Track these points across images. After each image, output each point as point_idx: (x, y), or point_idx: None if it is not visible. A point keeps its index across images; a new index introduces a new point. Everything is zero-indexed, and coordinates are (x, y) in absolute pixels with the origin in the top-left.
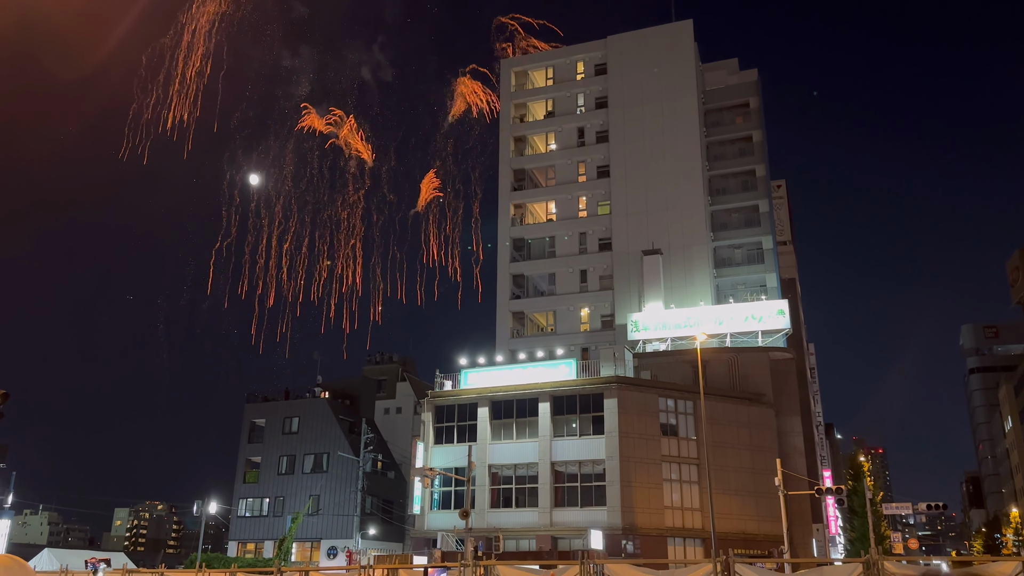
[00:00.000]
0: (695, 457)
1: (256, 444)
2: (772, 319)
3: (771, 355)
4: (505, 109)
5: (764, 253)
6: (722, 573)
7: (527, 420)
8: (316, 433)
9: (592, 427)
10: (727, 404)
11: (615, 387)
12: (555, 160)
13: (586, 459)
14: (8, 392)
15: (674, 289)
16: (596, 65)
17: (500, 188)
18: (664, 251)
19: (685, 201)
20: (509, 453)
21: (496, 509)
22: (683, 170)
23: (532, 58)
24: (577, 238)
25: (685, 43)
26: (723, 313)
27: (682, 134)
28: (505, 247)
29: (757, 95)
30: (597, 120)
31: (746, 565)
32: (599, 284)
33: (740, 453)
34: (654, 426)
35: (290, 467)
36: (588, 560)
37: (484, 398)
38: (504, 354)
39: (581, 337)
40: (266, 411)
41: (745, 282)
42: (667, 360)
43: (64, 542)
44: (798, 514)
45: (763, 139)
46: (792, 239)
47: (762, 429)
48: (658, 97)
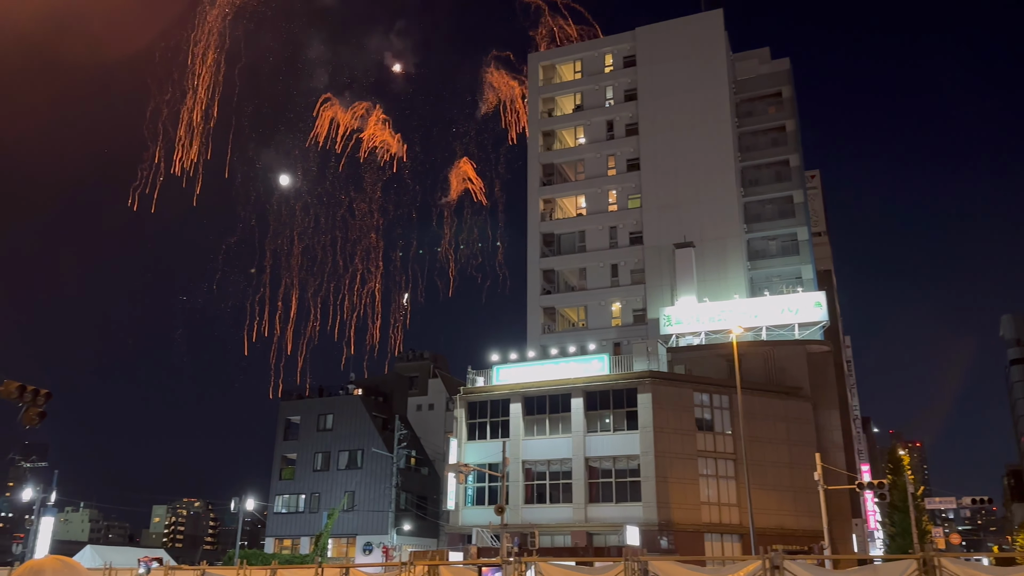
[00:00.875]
0: (731, 452)
1: (291, 441)
2: (809, 311)
3: (808, 348)
4: (533, 104)
5: (799, 244)
6: (770, 570)
7: (560, 416)
8: (350, 430)
9: (626, 422)
10: (764, 398)
11: (649, 382)
12: (584, 154)
13: (620, 454)
14: (50, 391)
15: (707, 282)
16: (625, 57)
17: (529, 183)
18: (696, 244)
19: (717, 193)
20: (542, 449)
21: (530, 505)
22: (715, 161)
23: (560, 52)
24: (607, 232)
25: (715, 33)
26: (758, 306)
27: (713, 125)
28: (535, 242)
29: (790, 84)
30: (626, 113)
31: (796, 562)
32: (630, 278)
33: (777, 448)
34: (689, 421)
35: (325, 464)
36: (632, 558)
37: (516, 394)
38: (535, 350)
39: (613, 332)
40: (301, 408)
41: (780, 274)
42: (701, 354)
43: (104, 539)
44: (837, 509)
45: (796, 128)
46: (827, 230)
47: (800, 423)
48: (689, 88)
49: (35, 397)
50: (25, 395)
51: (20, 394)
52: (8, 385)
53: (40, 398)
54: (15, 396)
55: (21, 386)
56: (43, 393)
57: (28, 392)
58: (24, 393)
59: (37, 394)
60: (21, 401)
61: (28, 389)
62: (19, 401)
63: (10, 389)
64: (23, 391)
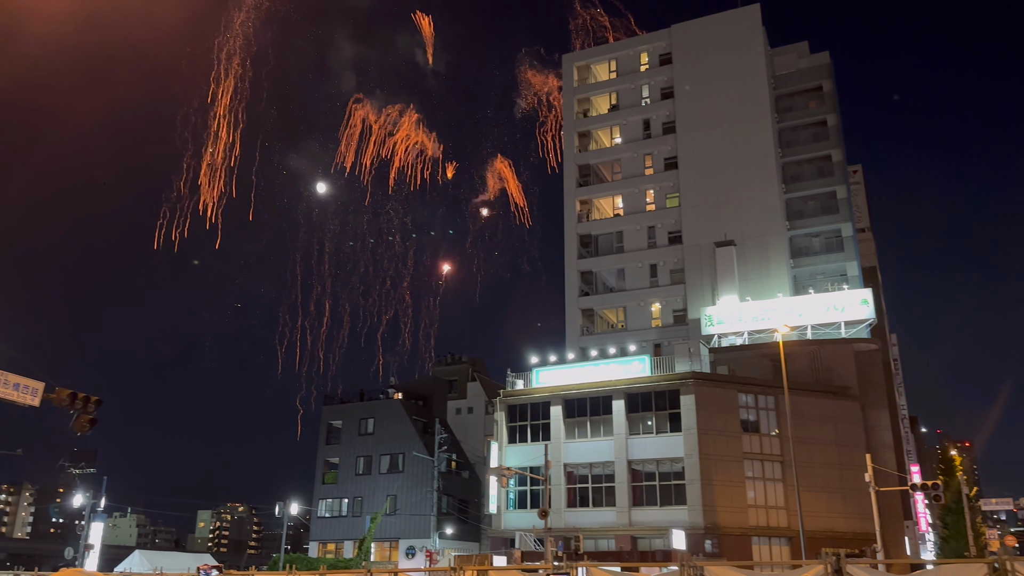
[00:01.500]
0: (778, 454)
1: (334, 445)
2: (855, 309)
3: (855, 347)
4: (568, 105)
5: (843, 241)
6: (832, 574)
7: (601, 418)
8: (391, 434)
9: (669, 424)
10: (811, 398)
11: (692, 383)
12: (620, 154)
13: (664, 457)
14: (100, 399)
15: (749, 281)
16: (660, 55)
17: (565, 184)
18: (738, 242)
19: (758, 190)
20: (584, 452)
21: (573, 508)
22: (755, 158)
23: (594, 52)
24: (646, 232)
25: (753, 28)
26: (803, 304)
27: (753, 121)
28: (572, 244)
29: (830, 78)
30: (663, 111)
31: (859, 566)
32: (670, 278)
33: (826, 449)
34: (734, 423)
35: (367, 468)
36: (688, 562)
37: (557, 396)
38: (574, 352)
39: (653, 333)
40: (342, 413)
41: (824, 272)
42: (745, 354)
43: (152, 543)
44: (888, 511)
45: (838, 123)
46: (871, 226)
47: (848, 423)
48: (726, 84)
49: (86, 404)
50: (76, 402)
51: (71, 401)
52: (60, 393)
53: (91, 405)
54: (67, 403)
55: (72, 393)
56: (93, 400)
57: (79, 399)
58: (75, 400)
59: (88, 401)
60: (72, 408)
61: (79, 396)
62: (71, 408)
63: (62, 396)
64: (74, 398)
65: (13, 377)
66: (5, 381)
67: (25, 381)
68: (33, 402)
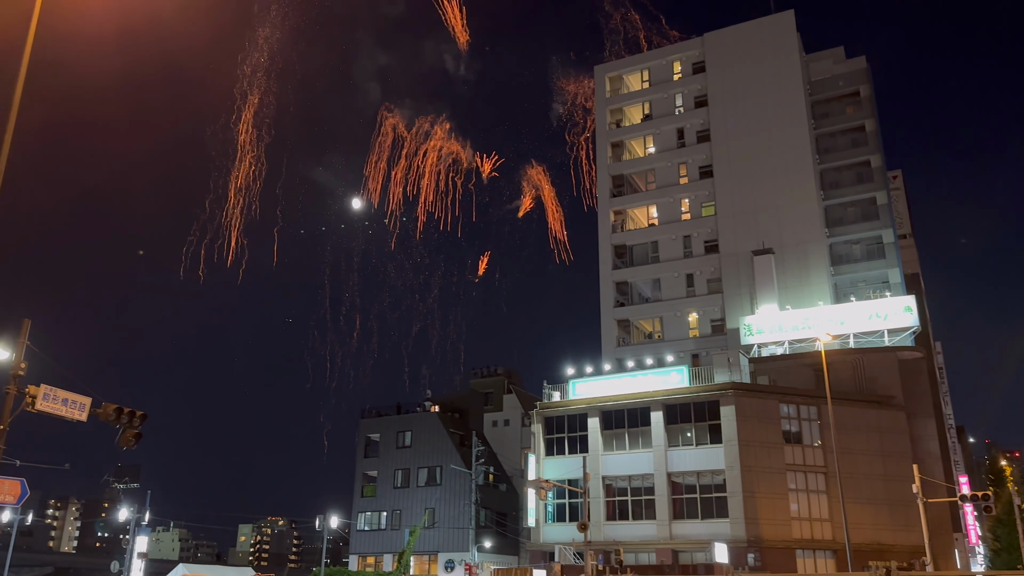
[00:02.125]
0: (822, 465)
1: (372, 458)
2: (898, 316)
3: (899, 355)
4: (600, 115)
5: (885, 248)
6: None
7: (639, 430)
8: (429, 447)
9: (709, 436)
10: (854, 408)
11: (731, 394)
12: (654, 163)
13: (704, 469)
14: (146, 413)
15: (788, 289)
16: (694, 64)
17: (599, 195)
18: (776, 250)
19: (796, 197)
20: (622, 464)
21: (612, 522)
22: (792, 165)
23: (626, 62)
24: (681, 241)
25: (787, 34)
26: (844, 312)
27: (789, 127)
28: (607, 254)
29: (868, 82)
30: (697, 120)
31: None
32: (707, 288)
33: (870, 459)
34: (776, 434)
35: (405, 481)
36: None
37: (594, 408)
38: (611, 363)
39: (690, 343)
40: (380, 426)
41: (865, 279)
42: (786, 364)
43: (194, 557)
44: (936, 523)
45: (876, 128)
46: (912, 232)
47: (893, 433)
48: (761, 91)
49: (131, 419)
50: (122, 417)
51: (118, 416)
52: (106, 408)
53: (136, 420)
54: (113, 418)
55: (119, 408)
56: (139, 415)
57: (125, 414)
58: (121, 415)
59: (133, 416)
60: (118, 423)
61: (125, 411)
62: (116, 423)
63: (108, 411)
64: (120, 413)
65: (62, 392)
66: (54, 396)
67: (73, 396)
68: (81, 417)
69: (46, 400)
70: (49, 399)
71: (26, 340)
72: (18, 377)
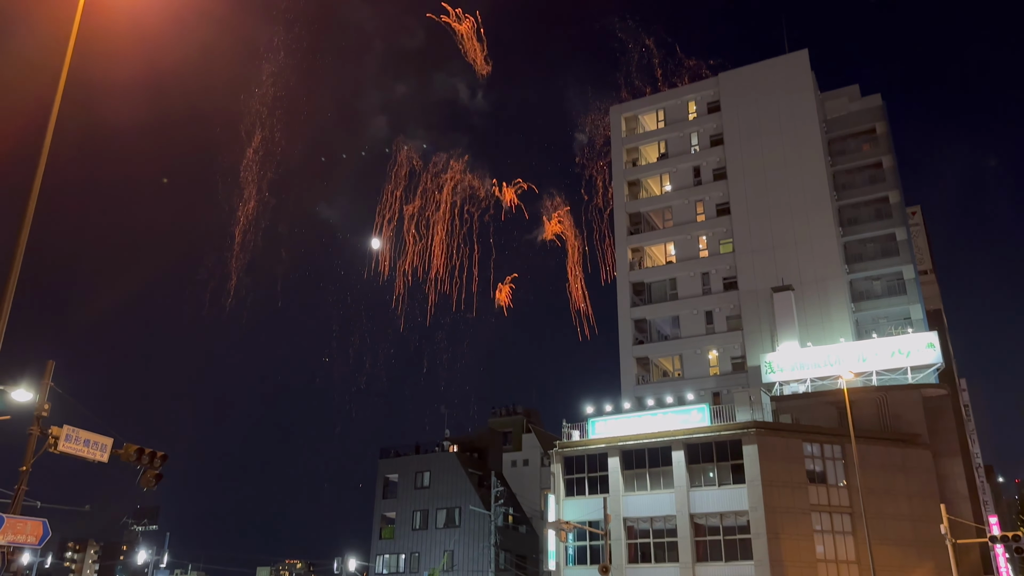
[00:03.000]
0: (847, 506)
1: (390, 499)
2: (921, 353)
3: (923, 392)
4: (617, 155)
5: (906, 284)
6: None
7: (660, 470)
8: (447, 487)
9: (732, 476)
10: (879, 447)
11: (754, 433)
12: (671, 201)
13: (728, 511)
14: (166, 454)
15: (809, 326)
16: (708, 103)
17: (616, 233)
18: (795, 287)
19: (815, 233)
20: (644, 505)
21: (634, 564)
22: (810, 202)
23: (641, 102)
24: (700, 279)
25: (801, 73)
26: (866, 349)
27: (806, 165)
28: (625, 292)
29: (883, 120)
30: (713, 158)
31: None
32: (726, 325)
33: (897, 499)
34: (800, 473)
35: (423, 522)
36: None
37: (614, 447)
38: (630, 401)
39: (711, 381)
40: (398, 466)
41: (887, 315)
42: (808, 402)
43: None
44: (966, 565)
45: (894, 164)
46: (933, 268)
47: (919, 473)
48: (777, 129)
49: (152, 460)
50: (143, 458)
51: (138, 457)
52: (127, 448)
53: (157, 460)
54: (134, 459)
55: (139, 449)
56: (159, 456)
57: (146, 455)
58: (142, 456)
59: (154, 457)
60: (139, 464)
61: (146, 452)
62: (137, 464)
63: (129, 452)
64: (141, 454)
65: (84, 433)
66: (76, 437)
67: (95, 437)
68: (102, 458)
69: (68, 441)
70: (71, 440)
71: (50, 381)
72: (41, 418)
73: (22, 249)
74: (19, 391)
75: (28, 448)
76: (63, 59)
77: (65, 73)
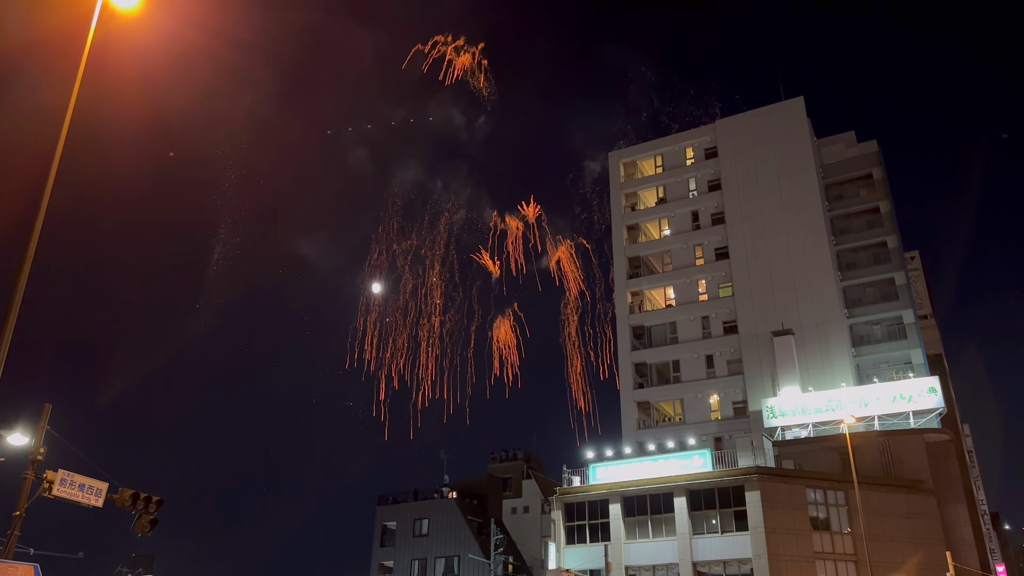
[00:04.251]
0: (851, 553)
1: (388, 547)
2: (923, 398)
3: (926, 437)
4: (616, 199)
5: (905, 328)
6: None
7: (662, 516)
8: (446, 535)
9: (734, 523)
10: (883, 493)
11: (756, 478)
12: (670, 245)
13: (731, 558)
14: (162, 499)
15: (810, 370)
16: (706, 149)
17: (615, 277)
18: (796, 331)
19: (813, 278)
20: (646, 553)
21: None
22: (808, 246)
23: (639, 148)
24: (699, 322)
25: (797, 120)
26: (868, 394)
27: (804, 209)
28: (624, 336)
29: (880, 165)
30: (711, 203)
31: None
32: (727, 369)
33: (902, 546)
34: (803, 520)
35: (422, 571)
36: None
37: (615, 494)
38: (631, 446)
39: (713, 426)
40: (396, 513)
41: (888, 360)
42: (811, 448)
43: None
44: None
45: (891, 209)
46: (933, 312)
47: (924, 519)
48: (775, 175)
49: (147, 505)
50: (138, 503)
51: (134, 502)
52: (123, 493)
53: (152, 505)
54: (129, 504)
55: (135, 494)
56: (155, 500)
57: (141, 500)
58: (137, 501)
59: (149, 501)
60: (135, 509)
61: (141, 497)
62: (132, 509)
63: (124, 497)
64: (136, 499)
65: (79, 478)
66: (71, 482)
67: (90, 482)
68: (97, 503)
69: (63, 485)
70: (66, 484)
71: (46, 425)
72: (36, 462)
73: (21, 289)
74: (15, 435)
75: (22, 493)
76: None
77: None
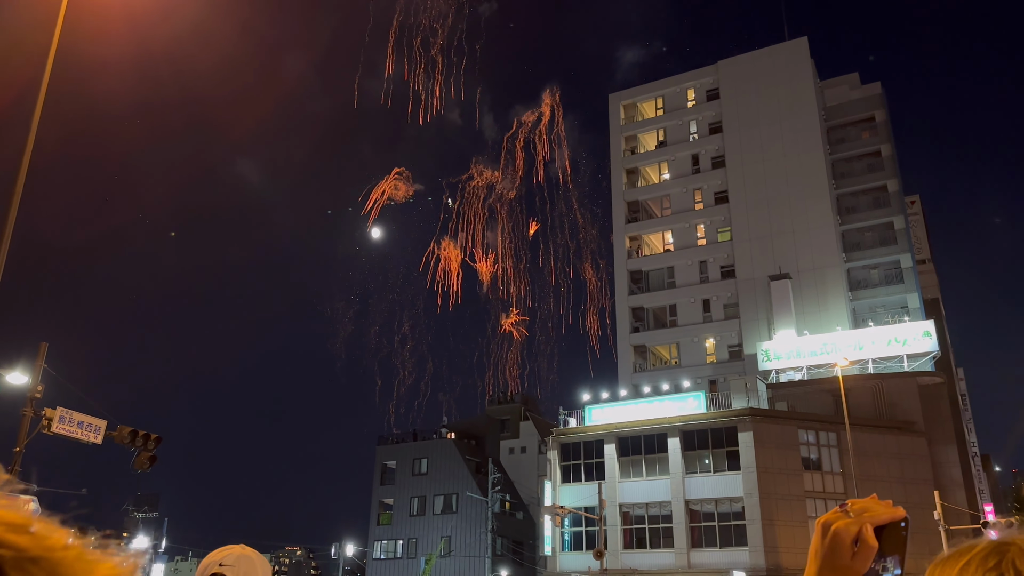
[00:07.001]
0: (842, 492)
1: (388, 486)
2: (917, 342)
3: (919, 380)
4: (615, 142)
5: (903, 272)
6: None
7: (656, 456)
8: (444, 474)
9: (727, 463)
10: (874, 434)
11: (749, 420)
12: (669, 189)
13: (723, 497)
14: (160, 436)
15: (806, 315)
16: (708, 91)
17: (614, 221)
18: (793, 275)
19: (813, 222)
20: (640, 491)
21: (630, 550)
22: (808, 190)
23: (640, 90)
24: (697, 267)
25: (801, 61)
26: (863, 337)
27: (805, 153)
28: (622, 280)
29: (883, 108)
30: (712, 146)
31: None
32: (723, 313)
33: (891, 487)
34: (795, 460)
35: (421, 508)
36: None
37: (610, 434)
38: (627, 389)
39: (708, 369)
40: (396, 453)
41: (884, 304)
42: (804, 390)
43: None
44: None
45: (893, 152)
46: (931, 257)
47: (914, 460)
48: (776, 117)
49: (146, 442)
50: (137, 440)
51: (132, 439)
52: (121, 430)
53: (151, 443)
54: (128, 441)
55: (133, 431)
56: (154, 438)
57: (140, 437)
58: (136, 438)
59: (148, 439)
60: (133, 446)
61: (140, 434)
62: (132, 446)
63: (123, 434)
64: (135, 436)
65: (78, 415)
66: (70, 419)
67: (89, 419)
68: (96, 440)
69: (62, 423)
70: (65, 421)
71: (43, 363)
72: (34, 400)
73: (10, 230)
74: (14, 374)
75: (21, 429)
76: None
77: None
